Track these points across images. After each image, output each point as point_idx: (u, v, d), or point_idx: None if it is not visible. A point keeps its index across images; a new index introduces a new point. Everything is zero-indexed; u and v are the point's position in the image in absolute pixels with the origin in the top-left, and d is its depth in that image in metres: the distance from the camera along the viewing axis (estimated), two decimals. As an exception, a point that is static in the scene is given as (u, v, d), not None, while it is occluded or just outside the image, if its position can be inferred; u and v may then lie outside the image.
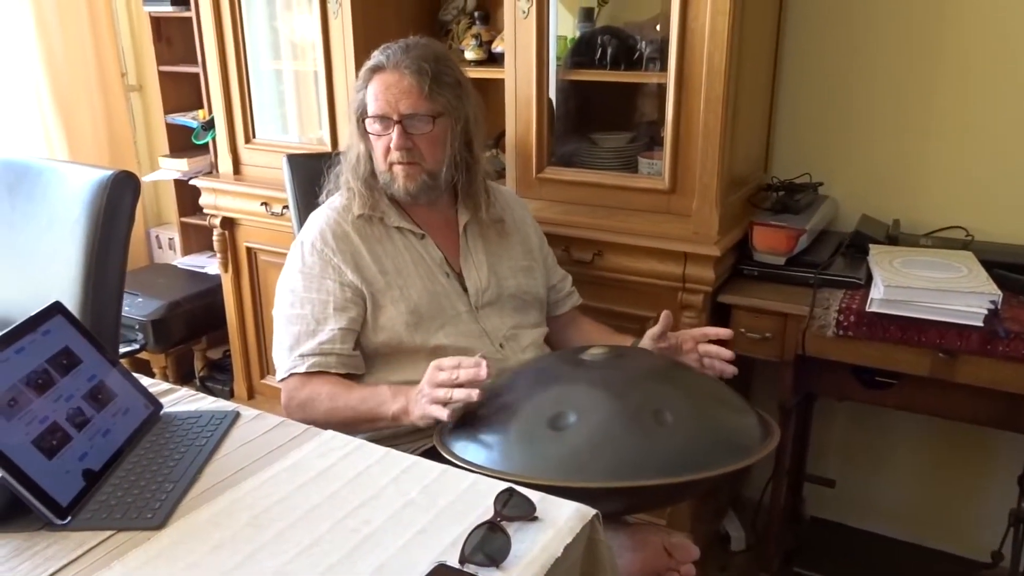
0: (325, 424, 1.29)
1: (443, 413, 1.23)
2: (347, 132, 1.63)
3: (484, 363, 1.21)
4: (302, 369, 1.45)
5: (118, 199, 1.56)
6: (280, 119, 2.58)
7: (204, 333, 2.84)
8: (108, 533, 0.96)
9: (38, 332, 1.11)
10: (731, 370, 1.42)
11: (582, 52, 2.01)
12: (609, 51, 1.95)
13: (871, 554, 2.20)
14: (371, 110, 1.48)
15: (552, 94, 1.99)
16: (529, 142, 1.99)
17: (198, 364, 2.91)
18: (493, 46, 2.21)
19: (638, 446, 1.13)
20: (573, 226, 1.94)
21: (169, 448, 1.13)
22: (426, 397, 1.27)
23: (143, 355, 2.76)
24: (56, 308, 1.17)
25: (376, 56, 1.50)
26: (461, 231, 1.59)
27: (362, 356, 1.50)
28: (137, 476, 1.06)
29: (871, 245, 1.90)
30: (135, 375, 1.26)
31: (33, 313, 1.13)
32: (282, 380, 1.48)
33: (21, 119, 2.79)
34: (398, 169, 1.49)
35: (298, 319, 1.47)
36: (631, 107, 2.16)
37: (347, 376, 1.48)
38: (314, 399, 1.43)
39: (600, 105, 2.16)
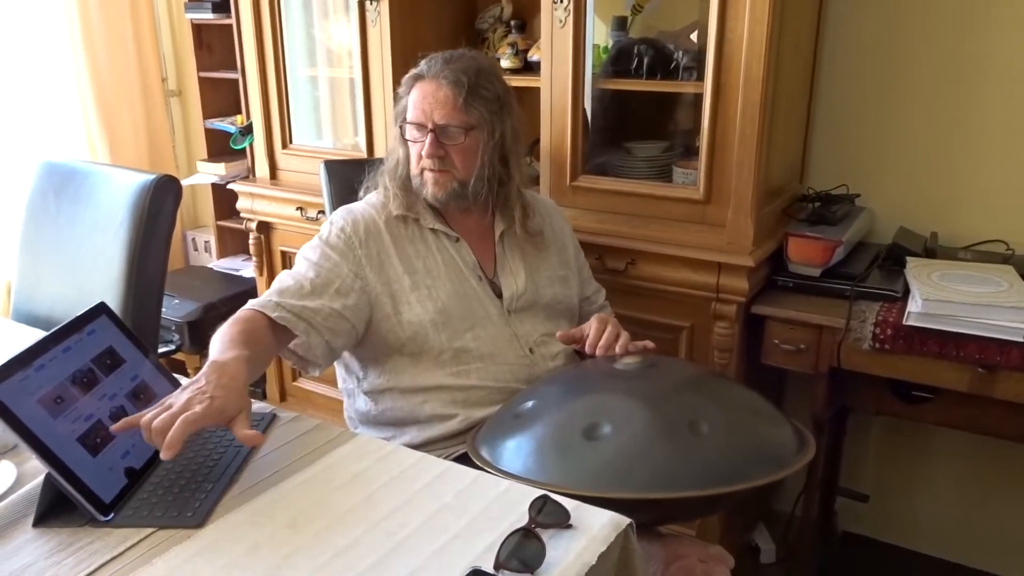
0: None
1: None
2: (385, 137, 1.64)
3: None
4: (271, 313, 1.36)
5: (160, 202, 1.60)
6: (315, 125, 2.61)
7: (238, 335, 2.87)
8: (149, 530, 0.98)
9: (83, 332, 1.14)
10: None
11: (618, 61, 2.02)
12: (645, 60, 1.95)
13: (905, 571, 2.16)
14: (409, 116, 1.50)
15: (587, 103, 2.00)
16: (563, 150, 2.00)
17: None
18: (529, 55, 2.22)
19: (673, 457, 1.12)
20: (607, 235, 1.94)
21: (208, 448, 1.15)
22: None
23: (178, 356, 2.80)
24: (101, 309, 1.20)
25: (420, 65, 1.52)
26: (497, 239, 1.60)
27: (387, 352, 1.51)
28: (177, 475, 1.08)
29: (908, 258, 1.88)
30: (175, 376, 1.28)
31: (79, 314, 1.15)
32: (244, 308, 1.39)
33: (65, 123, 2.85)
34: (428, 175, 1.51)
35: (297, 277, 1.45)
36: (666, 116, 2.16)
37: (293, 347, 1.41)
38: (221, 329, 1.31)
39: (635, 114, 2.16)
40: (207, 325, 2.66)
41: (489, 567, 0.90)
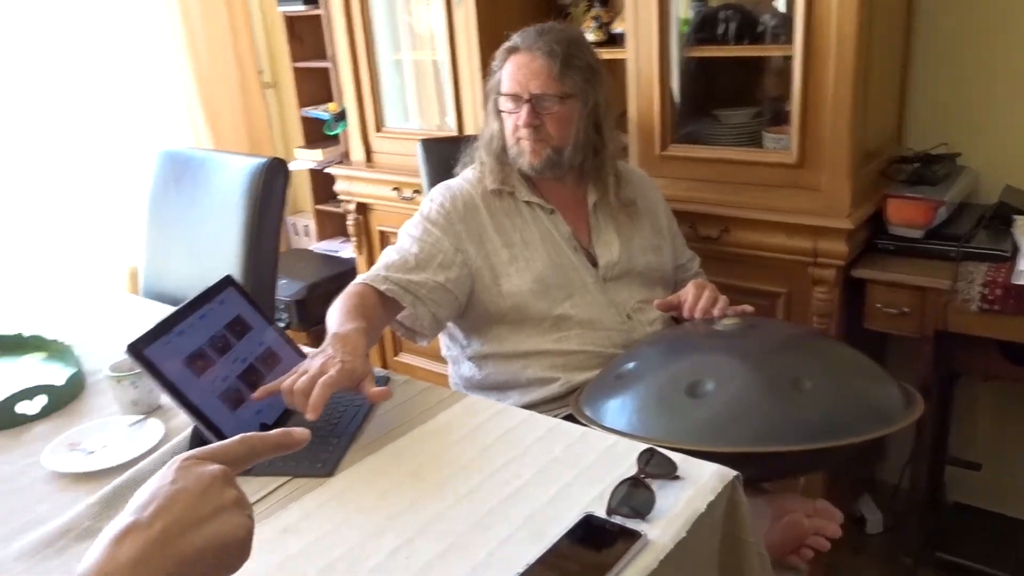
0: None
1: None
2: (474, 115, 1.68)
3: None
4: (379, 286, 1.43)
5: (272, 183, 1.69)
6: (401, 108, 2.68)
7: (338, 314, 3.00)
8: (284, 479, 1.06)
9: (215, 302, 1.23)
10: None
11: (703, 29, 2.01)
12: (731, 26, 1.93)
13: (1019, 543, 2.10)
14: (504, 88, 1.55)
15: (674, 71, 2.00)
16: (651, 121, 2.01)
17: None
18: (612, 27, 2.23)
19: (777, 412, 1.14)
20: (699, 202, 1.95)
21: (331, 407, 1.22)
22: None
23: (287, 333, 2.95)
24: (228, 281, 1.29)
25: (513, 38, 1.57)
26: (591, 209, 1.63)
27: (489, 320, 1.56)
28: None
29: (1016, 216, 1.82)
30: (295, 343, 1.37)
31: (209, 286, 1.25)
32: (354, 283, 1.46)
33: (172, 115, 3.02)
34: (525, 144, 1.55)
35: (401, 252, 1.51)
36: (754, 82, 2.13)
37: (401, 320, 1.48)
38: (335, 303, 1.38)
39: (722, 81, 2.14)
40: (312, 304, 2.79)
41: (601, 513, 0.95)
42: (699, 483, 1.00)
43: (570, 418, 1.25)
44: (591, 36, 2.23)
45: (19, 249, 2.57)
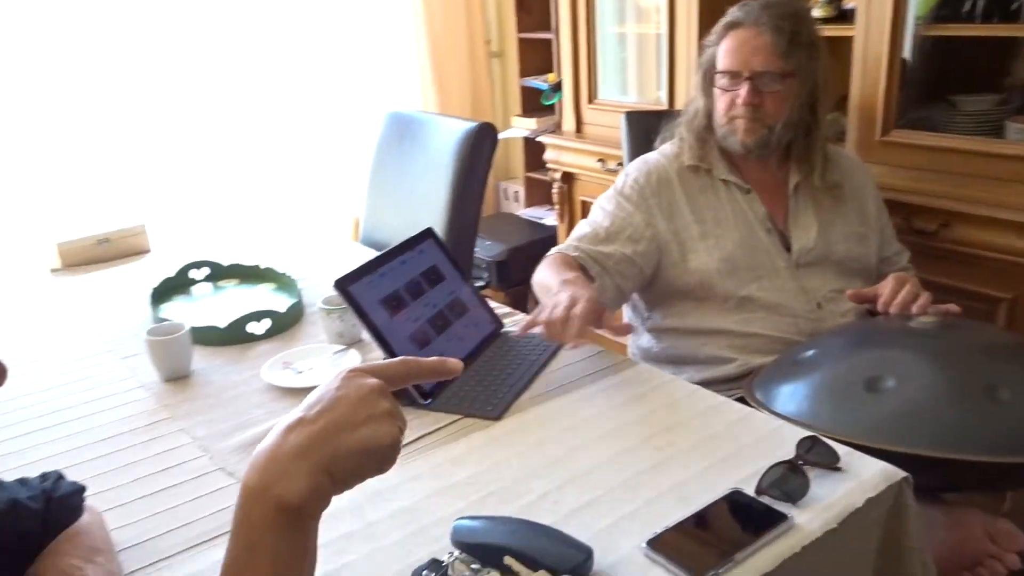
0: (534, 293, 1.42)
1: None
2: (687, 90, 1.68)
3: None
4: (571, 254, 1.49)
5: (480, 146, 1.80)
6: (620, 81, 2.71)
7: (538, 279, 3.12)
8: (456, 417, 1.16)
9: (414, 250, 1.35)
10: None
11: (946, 5, 1.85)
12: (980, 2, 1.76)
13: None
14: (721, 65, 1.52)
15: (906, 52, 1.86)
16: (875, 103, 1.89)
17: (530, 304, 3.21)
18: (843, 2, 2.11)
19: (963, 420, 1.07)
20: (917, 193, 1.81)
21: (507, 359, 1.31)
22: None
23: (486, 292, 3.11)
24: (428, 233, 1.41)
25: (734, 12, 1.53)
26: (791, 191, 1.58)
27: (673, 295, 1.57)
28: (482, 377, 1.26)
29: None
30: (484, 297, 1.47)
31: (411, 235, 1.37)
32: (551, 252, 1.53)
33: (404, 81, 3.25)
34: (739, 123, 1.52)
35: (591, 224, 1.56)
36: (1002, 66, 1.93)
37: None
38: (540, 268, 1.46)
39: (963, 64, 1.97)
40: (512, 265, 2.93)
41: (750, 492, 0.95)
42: (861, 478, 0.97)
43: (741, 401, 1.24)
44: (818, 12, 2.12)
45: (265, 195, 2.91)
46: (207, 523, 0.95)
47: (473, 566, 0.85)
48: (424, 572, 0.83)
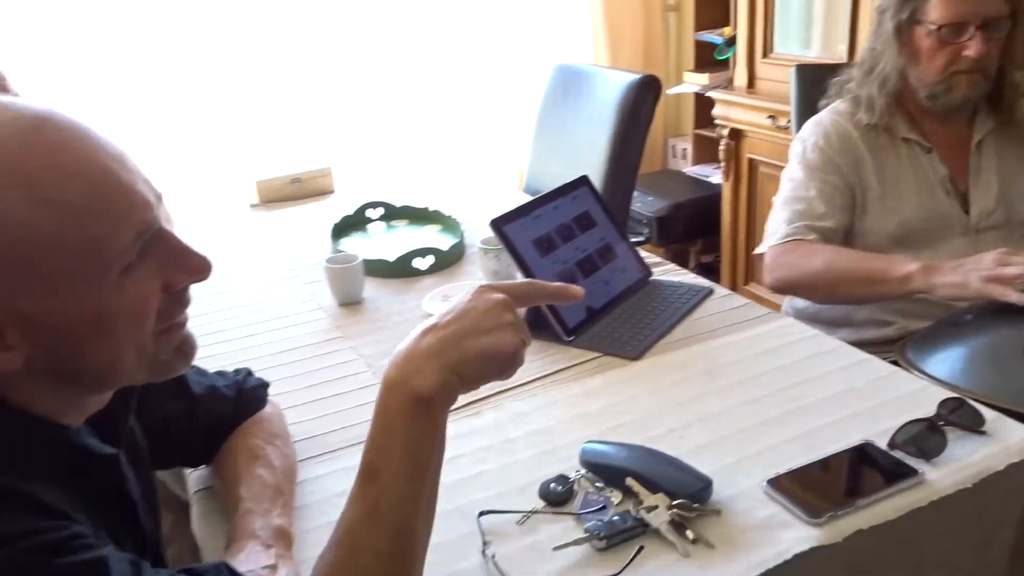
0: (814, 282, 1.38)
1: (1009, 294, 1.19)
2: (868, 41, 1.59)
3: None
4: (808, 236, 1.44)
5: (641, 100, 1.82)
6: (803, 34, 2.59)
7: (700, 237, 3.09)
8: (596, 355, 1.22)
9: (568, 196, 1.41)
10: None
11: None
12: None
13: None
14: (941, 16, 1.40)
15: None
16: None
17: (690, 264, 3.19)
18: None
19: None
20: None
21: (652, 305, 1.35)
22: (984, 272, 1.23)
23: (645, 248, 3.12)
24: (583, 180, 1.46)
25: None
26: (973, 148, 1.49)
27: None
28: (625, 319, 1.31)
29: None
30: (634, 245, 1.50)
31: (566, 182, 1.43)
32: (773, 246, 1.48)
33: (575, 33, 3.27)
34: (962, 78, 1.42)
35: (800, 200, 1.49)
36: None
37: None
38: (811, 255, 1.42)
39: None
40: (673, 222, 2.91)
41: (882, 446, 0.94)
42: (1007, 443, 0.94)
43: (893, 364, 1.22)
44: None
45: (438, 144, 3.06)
46: (367, 427, 1.07)
47: (597, 484, 0.91)
48: (552, 484, 0.91)
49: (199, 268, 0.64)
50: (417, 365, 0.64)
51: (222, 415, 0.93)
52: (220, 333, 1.38)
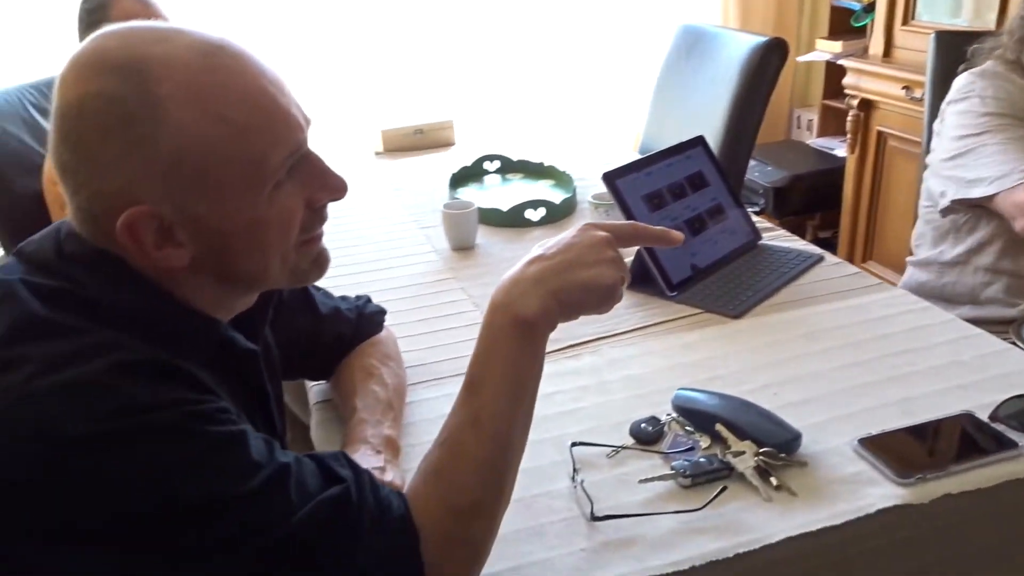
0: None
1: None
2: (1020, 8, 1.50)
3: None
4: None
5: (765, 63, 1.79)
6: (953, 3, 2.45)
7: (819, 210, 3.00)
8: (698, 311, 1.24)
9: (682, 155, 1.42)
10: None
11: None
12: None
13: None
14: None
15: None
16: None
17: (807, 237, 3.10)
18: None
19: None
20: None
21: (759, 267, 1.36)
22: None
23: (760, 218, 3.06)
24: (698, 140, 1.47)
25: None
26: None
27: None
28: (729, 279, 1.32)
29: None
30: (746, 208, 1.50)
31: (681, 141, 1.44)
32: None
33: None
34: None
35: (1015, 140, 1.38)
36: None
37: None
38: None
39: None
40: (791, 193, 2.84)
41: (983, 418, 0.93)
42: (1120, 428, 0.91)
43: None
44: None
45: (557, 101, 3.08)
46: (473, 358, 1.14)
47: (687, 428, 0.95)
48: (643, 424, 0.95)
49: (338, 187, 0.72)
50: (522, 289, 0.69)
51: (343, 335, 1.01)
52: (343, 267, 1.47)
